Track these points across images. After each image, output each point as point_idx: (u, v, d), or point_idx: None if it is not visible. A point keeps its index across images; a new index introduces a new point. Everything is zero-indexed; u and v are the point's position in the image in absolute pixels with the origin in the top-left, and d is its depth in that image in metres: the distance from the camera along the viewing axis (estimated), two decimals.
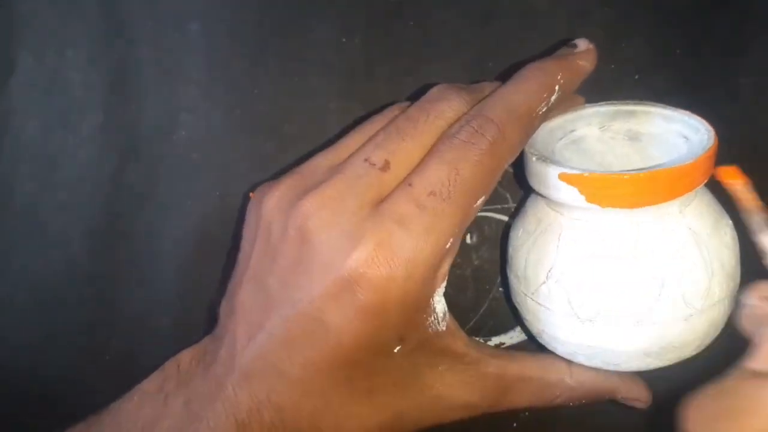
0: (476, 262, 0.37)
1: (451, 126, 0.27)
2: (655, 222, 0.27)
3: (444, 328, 0.28)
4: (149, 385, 0.30)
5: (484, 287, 0.37)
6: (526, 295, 0.30)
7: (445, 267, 0.27)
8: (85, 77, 0.38)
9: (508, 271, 0.32)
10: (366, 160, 0.27)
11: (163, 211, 0.38)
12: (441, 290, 0.28)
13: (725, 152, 0.35)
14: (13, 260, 0.38)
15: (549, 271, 0.28)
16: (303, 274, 0.26)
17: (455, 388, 0.29)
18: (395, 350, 0.27)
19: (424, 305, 0.27)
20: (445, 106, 0.28)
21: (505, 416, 0.37)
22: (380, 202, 0.26)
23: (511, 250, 0.31)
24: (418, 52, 0.36)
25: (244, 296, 0.28)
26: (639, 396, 0.33)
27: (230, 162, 0.37)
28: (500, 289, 0.37)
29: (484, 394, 0.29)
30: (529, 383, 0.30)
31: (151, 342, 0.38)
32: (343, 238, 0.25)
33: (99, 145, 0.38)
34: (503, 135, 0.27)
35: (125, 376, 0.36)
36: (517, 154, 0.28)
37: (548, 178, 0.27)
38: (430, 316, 0.27)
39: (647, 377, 0.33)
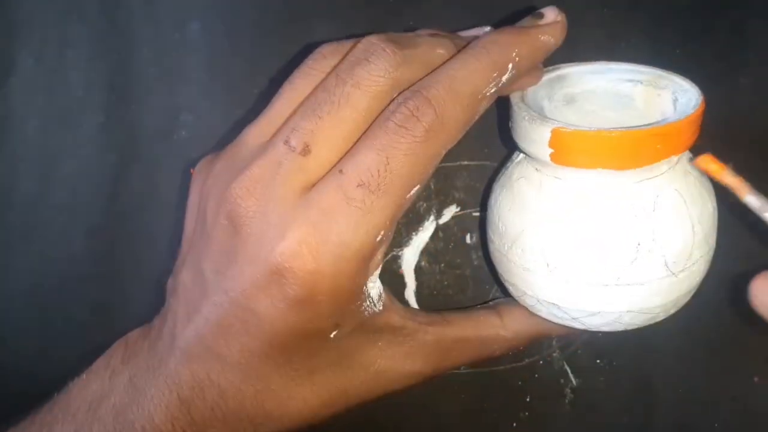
0: (476, 262, 0.37)
1: (380, 97, 0.25)
2: (639, 183, 0.27)
3: (380, 308, 0.28)
4: (98, 363, 0.30)
5: (484, 287, 0.37)
6: (502, 254, 0.30)
7: (378, 257, 0.27)
8: (85, 77, 0.38)
9: (487, 230, 0.31)
10: (286, 143, 0.25)
11: (163, 211, 0.38)
12: (375, 276, 0.27)
13: (725, 152, 0.35)
14: (13, 260, 0.38)
15: (523, 229, 0.28)
16: (233, 264, 0.26)
17: (396, 360, 0.29)
18: (332, 335, 0.27)
19: (356, 295, 0.26)
20: (364, 73, 0.25)
21: (505, 416, 0.37)
22: (308, 188, 0.25)
23: (490, 208, 0.31)
24: None
25: (184, 277, 0.28)
26: (572, 330, 0.31)
27: None
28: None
29: (426, 362, 0.30)
30: (467, 343, 0.31)
31: None
32: (270, 229, 0.25)
33: (99, 145, 0.38)
34: (441, 120, 0.24)
35: None
36: (457, 139, 0.25)
37: (535, 134, 0.27)
38: (365, 302, 0.27)
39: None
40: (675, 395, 0.35)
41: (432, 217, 0.37)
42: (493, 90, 0.25)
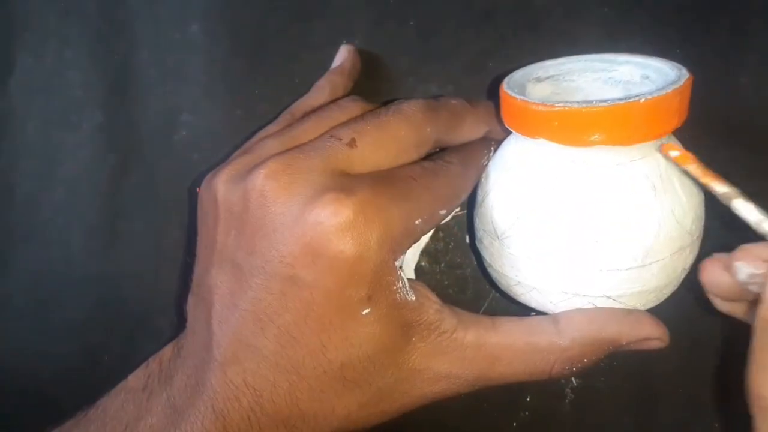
0: (476, 262, 0.37)
1: (416, 125, 0.29)
2: (628, 164, 0.27)
3: (413, 298, 0.28)
4: (134, 381, 0.30)
5: (484, 287, 0.36)
6: (493, 240, 0.29)
7: (407, 243, 0.28)
8: (85, 77, 0.38)
9: (476, 219, 0.31)
10: (331, 135, 0.28)
11: (163, 211, 0.38)
12: (399, 263, 0.28)
13: (725, 153, 0.35)
14: (13, 260, 0.38)
15: (517, 215, 0.28)
16: (272, 234, 0.26)
17: (432, 359, 0.28)
18: (364, 312, 0.26)
19: (391, 267, 0.27)
20: (404, 105, 0.29)
21: (505, 416, 0.37)
22: (349, 173, 0.27)
23: (480, 194, 0.31)
24: (418, 52, 0.36)
25: (213, 281, 0.28)
26: (650, 333, 0.28)
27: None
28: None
29: (465, 365, 0.28)
30: (516, 350, 0.28)
31: (151, 342, 0.38)
32: (313, 191, 0.26)
33: (99, 145, 0.38)
34: (464, 173, 0.30)
35: (125, 376, 0.35)
36: (467, 191, 0.31)
37: (523, 112, 0.27)
38: (398, 281, 0.27)
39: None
40: (675, 395, 0.35)
41: None
42: (485, 163, 0.32)
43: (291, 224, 0.25)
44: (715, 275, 0.25)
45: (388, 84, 0.36)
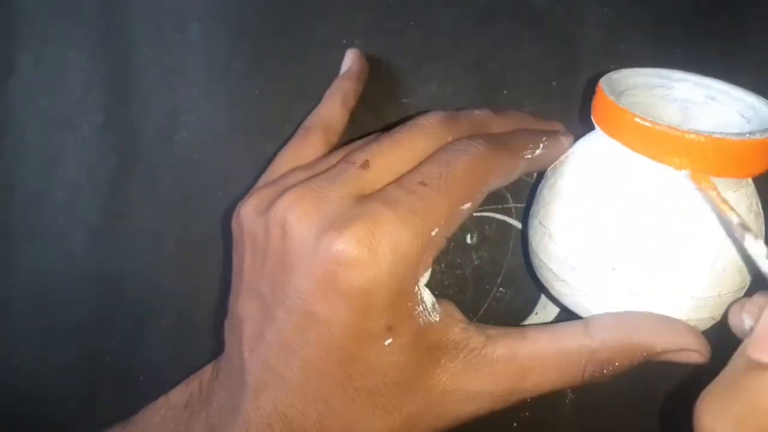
0: (476, 262, 0.37)
1: (433, 137, 0.28)
2: (725, 194, 0.25)
3: (437, 319, 0.27)
4: (175, 398, 0.30)
5: (484, 287, 0.36)
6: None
7: (428, 257, 0.27)
8: (85, 77, 0.38)
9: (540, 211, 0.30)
10: (345, 161, 0.28)
11: (163, 211, 0.38)
12: (424, 280, 0.27)
13: None
14: (13, 260, 0.38)
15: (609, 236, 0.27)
16: (290, 270, 0.26)
17: (462, 378, 0.27)
18: (386, 342, 0.26)
19: (409, 292, 0.26)
20: (421, 119, 0.29)
21: (505, 416, 0.37)
22: (364, 196, 0.26)
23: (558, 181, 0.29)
24: (418, 52, 0.36)
25: (241, 310, 0.28)
26: (688, 344, 0.27)
27: (230, 162, 0.37)
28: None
29: (498, 381, 0.27)
30: (547, 358, 0.27)
31: (151, 342, 0.38)
32: (326, 222, 0.25)
33: (99, 145, 0.38)
34: (494, 152, 0.28)
35: (125, 377, 0.36)
36: (505, 182, 0.29)
37: (653, 134, 0.25)
38: (418, 306, 0.27)
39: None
40: (675, 395, 0.35)
41: None
42: (528, 156, 0.29)
43: (306, 259, 0.26)
44: (735, 321, 0.25)
45: (388, 84, 0.36)
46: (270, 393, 0.26)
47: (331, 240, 0.25)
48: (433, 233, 0.26)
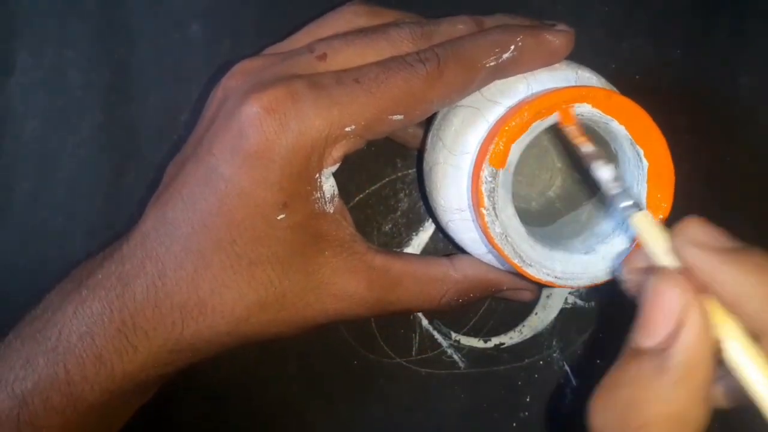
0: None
1: (398, 47, 0.28)
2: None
3: (331, 210, 0.29)
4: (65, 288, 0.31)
5: None
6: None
7: (338, 151, 0.27)
8: (85, 77, 0.38)
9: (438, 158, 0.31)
10: (308, 47, 0.29)
11: None
12: (329, 171, 0.28)
13: (725, 153, 0.35)
14: (13, 260, 0.38)
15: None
16: (211, 127, 0.28)
17: (340, 275, 0.29)
18: (279, 217, 0.27)
19: (309, 176, 0.27)
20: (393, 30, 0.29)
21: (505, 416, 0.37)
22: None
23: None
24: None
25: (168, 170, 0.30)
26: (523, 284, 0.33)
27: None
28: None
29: (371, 286, 0.30)
30: (415, 277, 0.31)
31: None
32: (251, 90, 0.26)
33: (99, 145, 0.38)
34: (441, 71, 0.27)
35: None
36: (454, 98, 0.28)
37: None
38: (317, 191, 0.28)
39: None
40: None
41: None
42: (492, 63, 0.28)
43: (226, 118, 0.27)
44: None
45: None
46: (155, 238, 0.28)
47: (247, 102, 0.26)
48: (348, 129, 0.26)
